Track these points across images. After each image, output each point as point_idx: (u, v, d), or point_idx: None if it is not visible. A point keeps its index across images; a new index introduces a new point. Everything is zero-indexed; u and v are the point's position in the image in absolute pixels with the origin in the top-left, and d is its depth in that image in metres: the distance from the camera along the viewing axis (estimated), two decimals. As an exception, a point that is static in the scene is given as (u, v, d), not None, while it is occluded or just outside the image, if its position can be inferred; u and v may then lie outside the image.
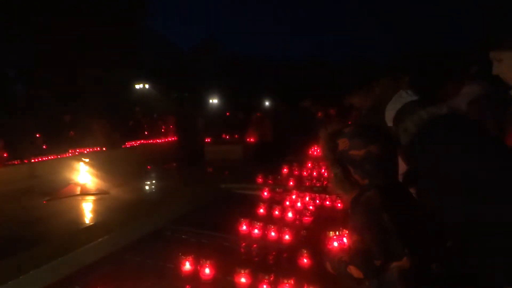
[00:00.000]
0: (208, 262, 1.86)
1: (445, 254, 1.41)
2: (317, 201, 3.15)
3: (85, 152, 9.08)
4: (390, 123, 2.27)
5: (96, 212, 5.22)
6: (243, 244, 2.33)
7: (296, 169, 4.38)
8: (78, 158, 8.62)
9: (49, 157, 8.37)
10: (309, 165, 4.66)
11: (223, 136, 11.49)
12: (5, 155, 7.98)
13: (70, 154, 8.75)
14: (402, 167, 1.61)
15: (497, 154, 1.44)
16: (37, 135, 9.88)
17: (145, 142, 11.35)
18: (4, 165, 7.40)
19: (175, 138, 11.17)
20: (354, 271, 1.39)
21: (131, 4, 19.69)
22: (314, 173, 4.31)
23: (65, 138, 9.81)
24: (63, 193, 6.14)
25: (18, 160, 7.97)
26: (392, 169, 1.43)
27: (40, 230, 3.94)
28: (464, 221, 1.41)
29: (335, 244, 2.13)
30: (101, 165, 7.66)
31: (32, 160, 8.05)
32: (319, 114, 10.47)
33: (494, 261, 1.36)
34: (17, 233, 3.87)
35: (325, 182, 3.85)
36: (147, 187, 6.52)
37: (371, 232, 1.34)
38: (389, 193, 1.38)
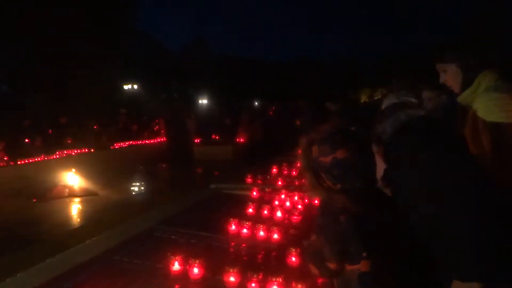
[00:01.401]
0: (197, 261, 1.87)
1: (413, 259, 1.42)
2: (306, 200, 3.18)
3: (73, 153, 9.00)
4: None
5: (85, 213, 5.20)
6: (232, 243, 2.35)
7: (286, 168, 4.40)
8: (66, 159, 8.57)
9: (37, 159, 8.28)
10: (298, 164, 4.69)
11: (213, 136, 11.50)
12: (5, 158, 7.89)
13: (57, 156, 8.67)
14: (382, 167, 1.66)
15: (463, 161, 1.54)
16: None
17: (134, 143, 11.28)
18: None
19: (165, 139, 11.12)
20: (312, 269, 1.43)
21: (120, 5, 19.55)
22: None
23: (52, 140, 9.67)
24: (51, 195, 6.09)
25: (4, 162, 7.88)
26: (363, 173, 1.41)
27: (29, 232, 3.92)
28: (419, 221, 1.49)
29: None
30: (90, 166, 7.63)
31: (19, 162, 7.96)
32: (308, 113, 10.52)
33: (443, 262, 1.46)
34: (6, 234, 3.83)
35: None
36: (136, 188, 6.50)
37: (325, 234, 1.36)
38: (357, 196, 1.38)
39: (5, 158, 7.86)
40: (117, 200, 5.69)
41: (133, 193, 6.23)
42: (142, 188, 6.38)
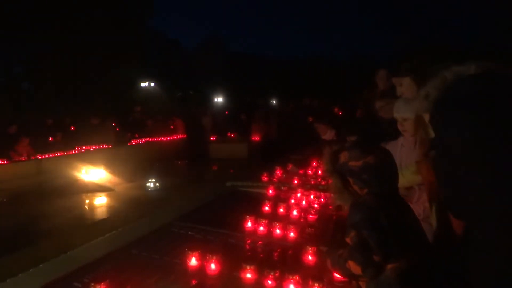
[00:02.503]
0: (214, 257, 1.88)
1: (441, 257, 1.43)
2: (322, 200, 3.17)
3: (91, 149, 9.17)
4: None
5: (103, 207, 5.29)
6: (249, 241, 2.35)
7: (301, 167, 4.39)
8: (84, 155, 8.73)
9: (56, 154, 8.47)
10: (314, 163, 4.67)
11: (228, 134, 11.53)
12: (30, 153, 8.11)
13: (76, 151, 8.85)
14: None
15: None
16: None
17: (150, 140, 11.41)
18: (12, 161, 7.51)
19: (181, 136, 11.23)
20: (353, 266, 1.41)
21: (138, 4, 19.78)
22: (319, 172, 4.32)
23: (72, 135, 9.86)
24: (70, 189, 6.22)
25: (26, 157, 8.08)
26: (389, 178, 1.50)
27: (48, 225, 4.01)
28: (467, 193, 1.19)
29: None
30: (107, 162, 7.75)
31: (39, 157, 8.15)
32: (324, 112, 10.46)
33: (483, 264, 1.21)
34: (27, 227, 3.94)
35: (330, 181, 3.87)
36: (152, 184, 6.58)
37: (368, 228, 1.37)
38: (386, 199, 1.45)
39: (29, 154, 8.07)
40: (134, 196, 5.77)
41: (150, 189, 6.30)
42: (158, 184, 6.45)
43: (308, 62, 34.27)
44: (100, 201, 5.61)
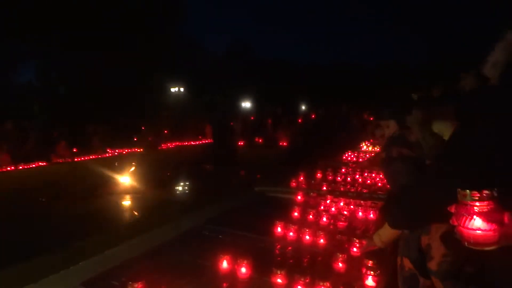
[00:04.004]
0: (245, 261, 1.91)
1: None
2: (352, 207, 3.14)
3: (124, 152, 9.47)
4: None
5: (134, 209, 5.44)
6: (278, 246, 2.37)
7: (330, 174, 4.36)
8: (117, 158, 9.02)
9: (91, 157, 8.80)
10: (343, 170, 4.63)
11: (256, 139, 11.60)
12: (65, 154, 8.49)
13: (110, 154, 9.16)
14: None
15: None
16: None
17: (180, 144, 11.64)
18: (51, 163, 7.87)
19: (210, 141, 11.39)
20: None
21: (166, 12, 20.30)
22: (348, 179, 4.28)
23: (106, 139, 10.19)
24: (103, 191, 6.43)
25: (63, 159, 8.45)
26: None
27: (85, 225, 4.18)
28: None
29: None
30: (139, 165, 7.96)
31: (76, 159, 8.50)
32: (354, 119, 10.34)
33: None
34: (63, 227, 4.12)
35: (359, 188, 3.83)
36: (182, 188, 6.71)
37: None
38: None
39: (66, 156, 8.44)
40: (164, 199, 5.89)
41: (180, 192, 6.43)
42: (188, 188, 6.56)
43: (336, 68, 33.96)
44: (131, 203, 5.77)
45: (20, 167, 7.51)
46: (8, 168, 7.38)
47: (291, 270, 1.86)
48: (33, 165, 7.71)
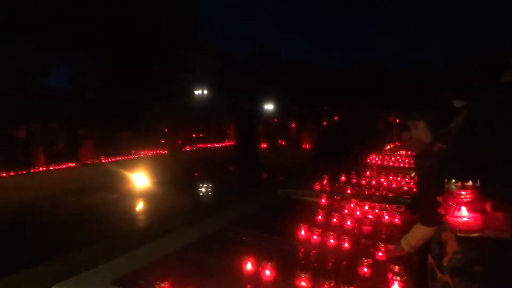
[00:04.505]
0: (269, 264, 1.92)
1: None
2: (377, 211, 3.10)
3: (149, 154, 9.67)
4: None
5: (159, 210, 5.54)
6: (302, 249, 2.37)
7: (354, 177, 4.32)
8: (142, 159, 9.21)
9: (118, 158, 9.02)
10: (368, 173, 4.58)
11: (279, 142, 11.59)
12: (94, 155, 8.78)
13: (136, 156, 9.37)
14: None
15: None
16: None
17: (203, 146, 11.77)
18: (80, 164, 8.14)
19: (232, 143, 11.47)
20: None
21: (191, 15, 20.61)
22: (373, 182, 4.22)
23: (132, 140, 10.42)
24: (129, 192, 6.59)
25: (90, 160, 8.70)
26: None
27: (110, 225, 4.30)
28: None
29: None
30: (164, 166, 8.13)
31: (103, 160, 8.73)
32: (379, 120, 10.18)
33: None
34: (90, 227, 4.25)
35: (384, 192, 3.77)
36: (205, 189, 6.78)
37: None
38: None
39: (93, 156, 8.71)
40: (187, 200, 5.98)
41: (203, 194, 6.51)
42: (211, 189, 6.64)
43: (361, 69, 33.44)
44: (156, 204, 5.88)
45: (51, 168, 7.79)
46: (42, 169, 7.67)
47: (316, 274, 1.86)
48: (63, 166, 7.98)
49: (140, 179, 6.73)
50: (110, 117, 12.51)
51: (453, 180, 1.35)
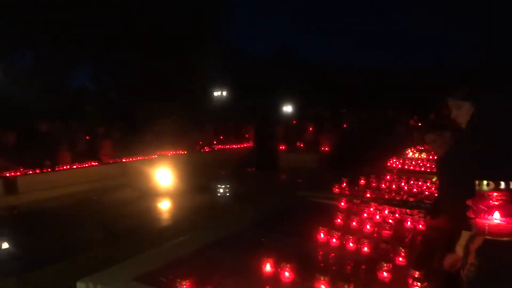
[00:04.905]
0: (288, 265, 1.93)
1: None
2: (397, 215, 3.06)
3: (169, 154, 9.80)
4: None
5: (178, 210, 5.63)
6: (321, 252, 2.37)
7: (374, 181, 4.27)
8: (163, 159, 9.35)
9: (137, 158, 9.18)
10: (388, 177, 4.52)
11: (298, 144, 11.55)
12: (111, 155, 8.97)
13: (156, 156, 9.52)
14: None
15: None
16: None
17: (222, 147, 11.85)
18: (101, 163, 8.32)
19: (251, 145, 11.51)
20: None
21: (211, 17, 20.81)
22: (393, 186, 4.17)
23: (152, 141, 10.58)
24: (150, 191, 6.70)
25: (111, 159, 8.89)
26: None
27: (134, 223, 4.39)
28: None
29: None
30: (183, 167, 8.22)
31: (124, 160, 8.91)
32: (398, 124, 10.03)
33: None
34: (116, 223, 4.36)
35: (404, 196, 3.73)
36: (224, 190, 6.84)
37: None
38: None
39: (111, 155, 8.90)
40: (206, 201, 6.04)
41: (222, 194, 6.56)
42: (230, 190, 6.68)
43: (379, 71, 33.01)
44: (177, 204, 5.96)
45: (75, 166, 7.99)
46: (66, 167, 7.88)
47: (334, 277, 1.86)
48: (86, 165, 8.18)
49: (160, 179, 6.83)
50: (131, 117, 12.75)
51: (485, 182, 1.30)
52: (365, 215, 3.04)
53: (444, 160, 2.27)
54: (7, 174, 6.86)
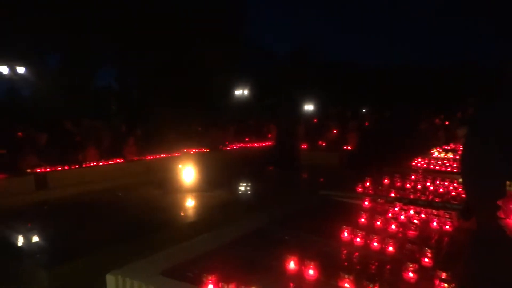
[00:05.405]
0: (312, 263, 1.93)
1: None
2: (423, 216, 3.01)
3: (192, 152, 9.94)
4: None
5: (204, 207, 5.71)
6: (345, 251, 2.36)
7: (399, 180, 4.21)
8: (186, 157, 9.48)
9: (161, 155, 9.35)
10: (413, 177, 4.45)
11: (319, 143, 11.48)
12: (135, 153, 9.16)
13: (179, 154, 9.66)
14: None
15: None
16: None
17: (243, 145, 11.91)
18: (126, 161, 8.52)
19: (272, 143, 11.52)
20: None
21: (233, 17, 20.93)
22: (418, 186, 4.10)
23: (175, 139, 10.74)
24: (174, 188, 6.82)
25: (135, 157, 9.08)
26: None
27: (158, 218, 4.49)
28: None
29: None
30: (205, 165, 8.32)
31: (147, 158, 9.09)
32: (423, 123, 9.83)
33: None
34: (141, 219, 4.47)
35: (430, 197, 3.66)
36: (245, 188, 6.88)
37: None
38: None
39: (135, 152, 9.08)
40: (228, 198, 6.09)
41: (244, 193, 6.61)
42: (251, 188, 6.72)
43: (403, 70, 32.38)
44: (200, 201, 6.05)
45: (101, 163, 8.22)
46: (92, 164, 8.11)
47: (359, 276, 1.86)
48: (112, 162, 8.40)
49: (183, 176, 6.93)
50: (154, 116, 12.98)
51: None
52: (390, 215, 3.00)
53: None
54: (38, 171, 7.13)
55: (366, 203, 3.34)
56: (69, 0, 16.31)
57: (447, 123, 10.08)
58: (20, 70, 16.20)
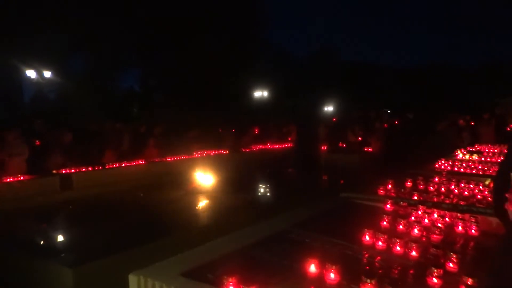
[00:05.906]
0: (333, 267, 1.91)
1: None
2: (447, 219, 2.94)
3: (212, 154, 10.00)
4: None
5: (224, 208, 5.71)
6: (366, 254, 2.32)
7: (422, 183, 4.12)
8: (205, 159, 9.55)
9: (181, 157, 9.44)
10: (436, 179, 4.34)
11: (340, 144, 11.36)
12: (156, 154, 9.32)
13: (198, 155, 9.75)
14: None
15: None
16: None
17: (264, 147, 11.90)
18: (147, 162, 8.67)
19: (293, 145, 11.48)
20: None
21: (253, 17, 21.00)
22: (442, 189, 4.00)
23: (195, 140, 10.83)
24: (194, 189, 6.87)
25: (156, 158, 9.21)
26: None
27: (175, 221, 4.54)
28: None
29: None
30: (225, 166, 8.36)
31: (168, 159, 9.20)
32: (443, 123, 9.61)
33: None
34: (158, 222, 4.53)
35: (454, 200, 3.56)
36: (266, 190, 6.87)
37: None
38: None
39: (155, 154, 9.23)
40: (250, 199, 6.10)
41: (263, 194, 6.60)
42: (272, 191, 6.70)
43: (428, 69, 31.68)
44: (220, 203, 6.07)
45: (123, 165, 8.37)
46: (115, 165, 8.27)
47: (381, 281, 1.82)
48: (133, 163, 8.53)
49: (203, 178, 6.98)
50: (175, 117, 13.14)
51: None
52: (413, 218, 2.94)
53: None
54: (63, 171, 7.33)
55: (388, 206, 3.28)
56: (93, 4, 16.72)
57: (472, 123, 9.80)
58: (47, 74, 16.74)
